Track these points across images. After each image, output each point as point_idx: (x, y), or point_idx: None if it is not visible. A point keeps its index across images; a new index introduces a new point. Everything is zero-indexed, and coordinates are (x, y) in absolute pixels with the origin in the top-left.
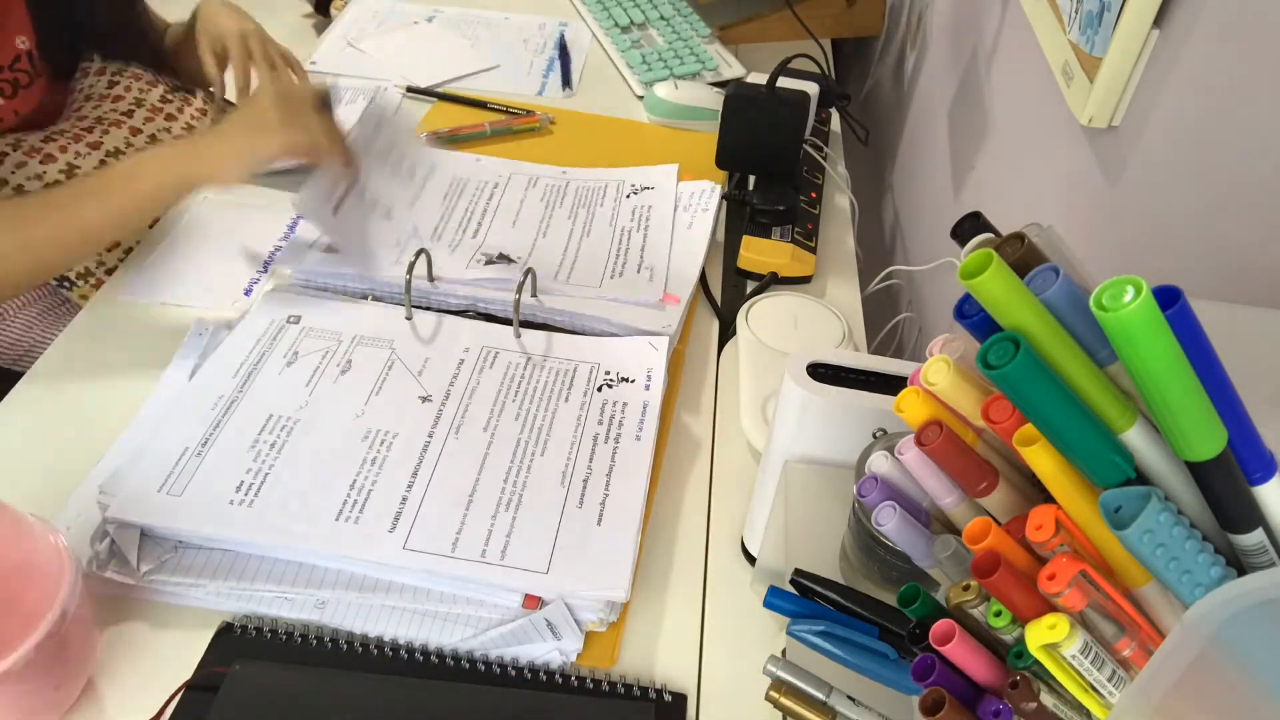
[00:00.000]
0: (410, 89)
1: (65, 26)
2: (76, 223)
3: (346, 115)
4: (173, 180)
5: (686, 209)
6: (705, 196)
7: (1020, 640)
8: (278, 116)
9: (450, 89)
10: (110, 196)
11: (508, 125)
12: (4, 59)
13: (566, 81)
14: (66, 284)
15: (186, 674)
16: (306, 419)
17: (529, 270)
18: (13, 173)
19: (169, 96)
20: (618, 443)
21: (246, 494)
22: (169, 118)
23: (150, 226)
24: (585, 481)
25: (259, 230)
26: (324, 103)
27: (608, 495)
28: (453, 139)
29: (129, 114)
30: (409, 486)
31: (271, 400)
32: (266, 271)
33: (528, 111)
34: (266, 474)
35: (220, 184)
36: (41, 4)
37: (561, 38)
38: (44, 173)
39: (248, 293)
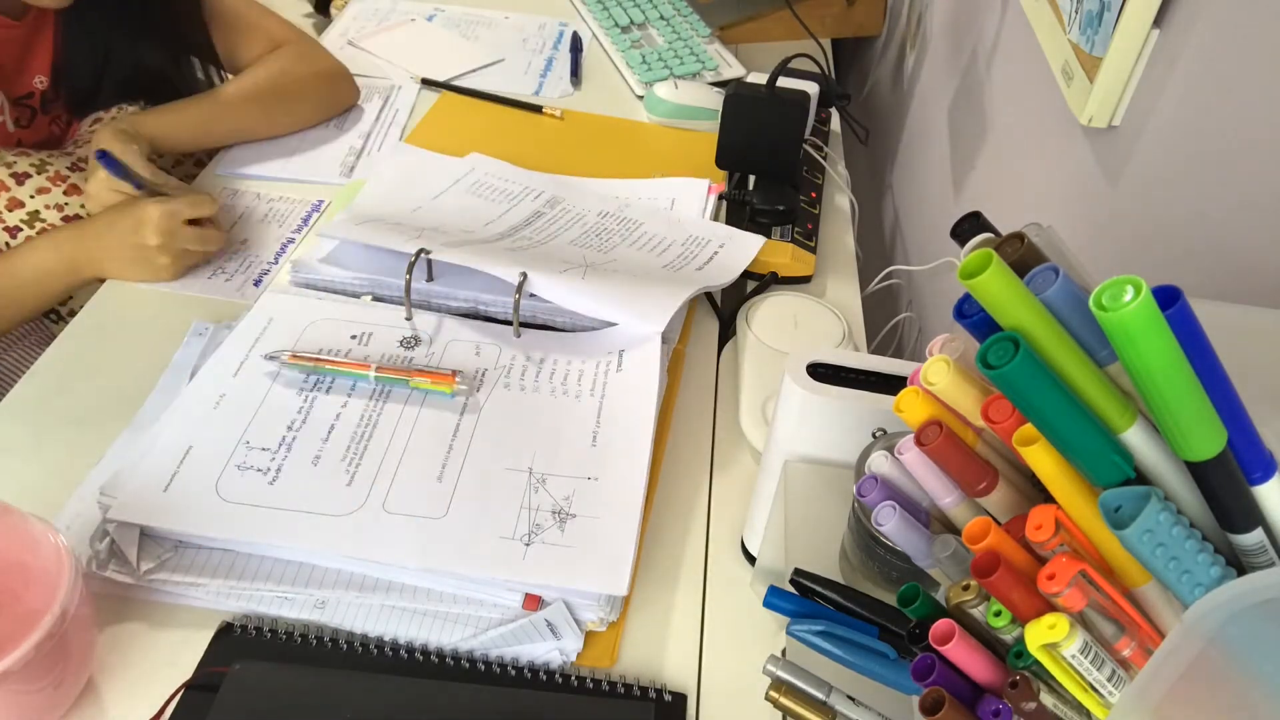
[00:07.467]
0: (426, 81)
1: (87, 73)
2: None
3: (349, 113)
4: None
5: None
6: (703, 197)
7: (1020, 640)
8: (168, 261)
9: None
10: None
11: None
12: (17, 91)
13: (575, 74)
14: (54, 317)
15: (186, 674)
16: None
17: (524, 273)
18: (32, 197)
19: None
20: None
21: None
22: (198, 164)
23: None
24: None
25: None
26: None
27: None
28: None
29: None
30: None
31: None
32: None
33: (537, 107)
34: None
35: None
36: (68, 49)
37: (575, 35)
38: (66, 204)
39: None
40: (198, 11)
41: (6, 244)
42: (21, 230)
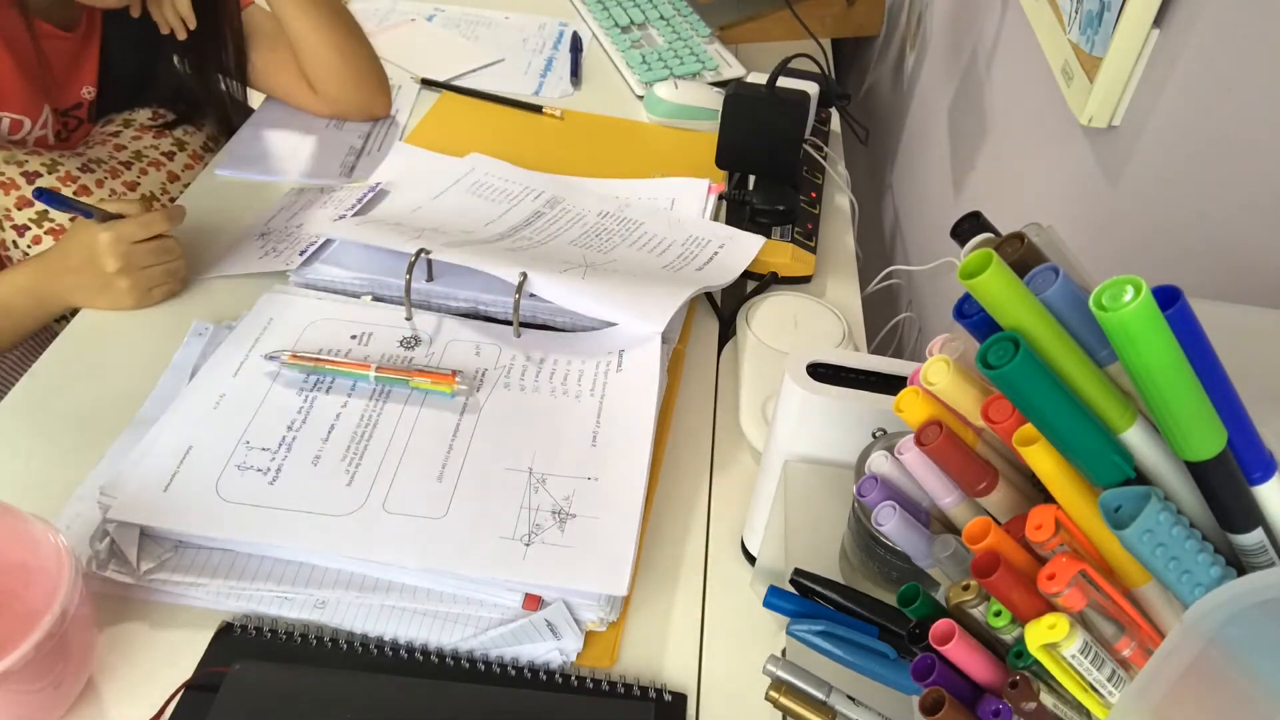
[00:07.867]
0: (426, 81)
1: (131, 83)
2: None
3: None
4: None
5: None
6: (703, 197)
7: (1020, 640)
8: (128, 284)
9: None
10: None
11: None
12: (66, 102)
13: (575, 74)
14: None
15: (186, 674)
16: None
17: (524, 273)
18: None
19: (200, 153)
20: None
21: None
22: (194, 156)
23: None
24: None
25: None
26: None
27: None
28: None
29: (169, 156)
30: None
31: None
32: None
33: (537, 107)
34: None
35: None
36: (113, 59)
37: (575, 35)
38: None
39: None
40: (238, 25)
41: (14, 242)
42: (29, 229)
